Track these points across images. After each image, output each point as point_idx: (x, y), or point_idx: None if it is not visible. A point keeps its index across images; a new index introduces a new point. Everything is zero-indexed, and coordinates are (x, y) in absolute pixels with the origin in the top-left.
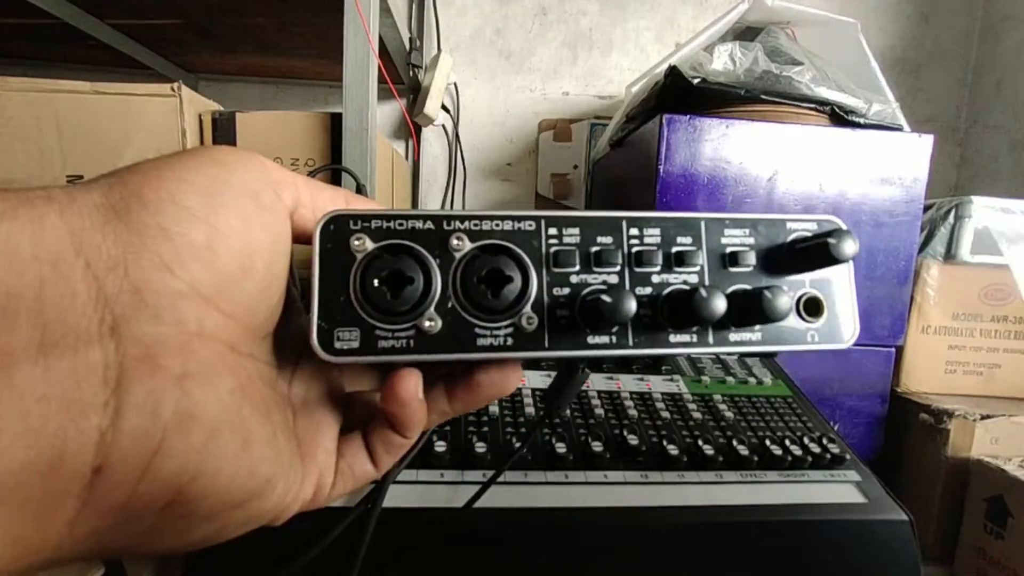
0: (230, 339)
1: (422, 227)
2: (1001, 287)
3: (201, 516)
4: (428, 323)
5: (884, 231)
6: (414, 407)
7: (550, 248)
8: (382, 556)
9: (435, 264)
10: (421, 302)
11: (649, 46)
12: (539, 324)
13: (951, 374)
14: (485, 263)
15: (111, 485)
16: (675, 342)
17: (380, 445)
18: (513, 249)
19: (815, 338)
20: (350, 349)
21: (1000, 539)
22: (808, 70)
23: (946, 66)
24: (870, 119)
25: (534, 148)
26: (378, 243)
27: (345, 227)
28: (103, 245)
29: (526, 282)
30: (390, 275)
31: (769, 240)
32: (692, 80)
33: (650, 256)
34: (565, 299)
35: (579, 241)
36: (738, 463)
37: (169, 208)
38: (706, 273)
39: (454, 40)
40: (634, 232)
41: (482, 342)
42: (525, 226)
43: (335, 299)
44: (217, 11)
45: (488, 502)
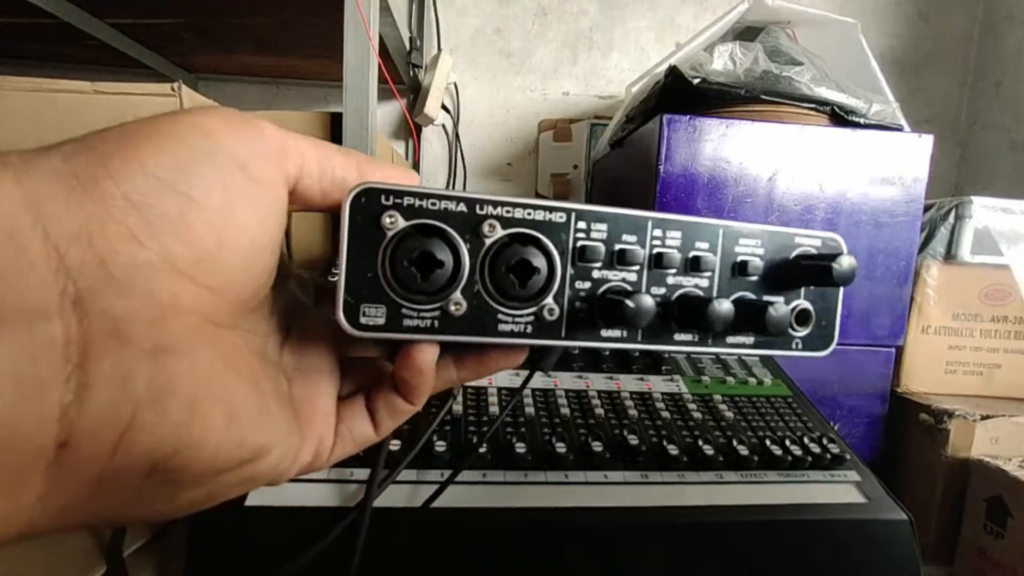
0: (211, 313)
1: (455, 209)
2: (1001, 287)
3: (188, 483)
4: (454, 306)
5: (884, 231)
6: (428, 376)
7: (577, 242)
8: (380, 556)
9: (465, 248)
10: (449, 285)
11: (649, 46)
12: (559, 315)
13: (951, 374)
14: (515, 252)
15: (81, 460)
16: (679, 340)
17: (384, 409)
18: (543, 240)
19: (799, 346)
20: (376, 325)
21: (1000, 539)
22: (808, 70)
23: (946, 66)
24: (870, 119)
25: (534, 148)
26: (410, 221)
27: (377, 202)
28: (65, 214)
29: (552, 274)
30: (421, 256)
31: (776, 252)
32: (692, 80)
33: (670, 259)
34: (586, 293)
35: (606, 237)
36: (738, 463)
37: (138, 178)
38: (717, 280)
39: (454, 40)
40: (657, 233)
41: (503, 328)
42: (556, 217)
43: (363, 274)
44: (217, 11)
45: (488, 502)
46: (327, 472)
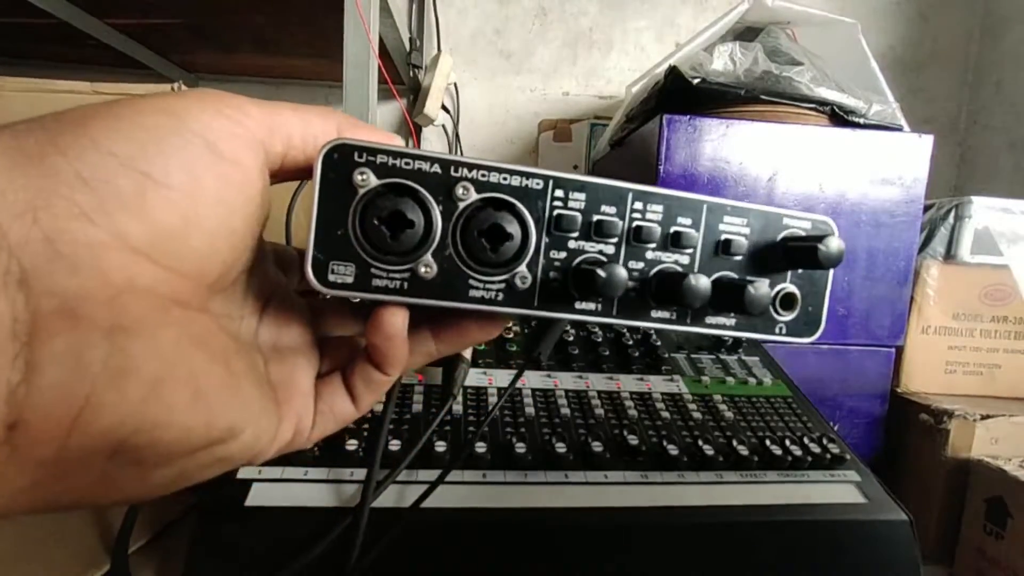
0: (173, 294)
1: (429, 169)
2: (1001, 287)
3: (155, 463)
4: (424, 268)
5: (884, 231)
6: (398, 341)
7: (554, 210)
8: (379, 557)
9: (438, 210)
10: (419, 246)
11: (649, 46)
12: (531, 284)
13: (951, 374)
14: (488, 217)
15: (33, 440)
16: (655, 317)
17: (360, 383)
18: (517, 206)
19: (783, 331)
20: (344, 283)
21: (1000, 539)
22: (808, 70)
23: (946, 66)
24: (870, 119)
25: (534, 148)
26: (382, 180)
27: (349, 158)
28: (8, 190)
29: (525, 241)
30: (391, 215)
31: (763, 232)
32: (692, 80)
33: (649, 232)
34: (560, 263)
35: (583, 207)
36: (738, 463)
37: (91, 154)
38: (698, 257)
39: (454, 40)
40: (638, 206)
41: (474, 293)
42: (533, 184)
43: (333, 231)
44: (217, 11)
45: (487, 502)
46: (327, 472)
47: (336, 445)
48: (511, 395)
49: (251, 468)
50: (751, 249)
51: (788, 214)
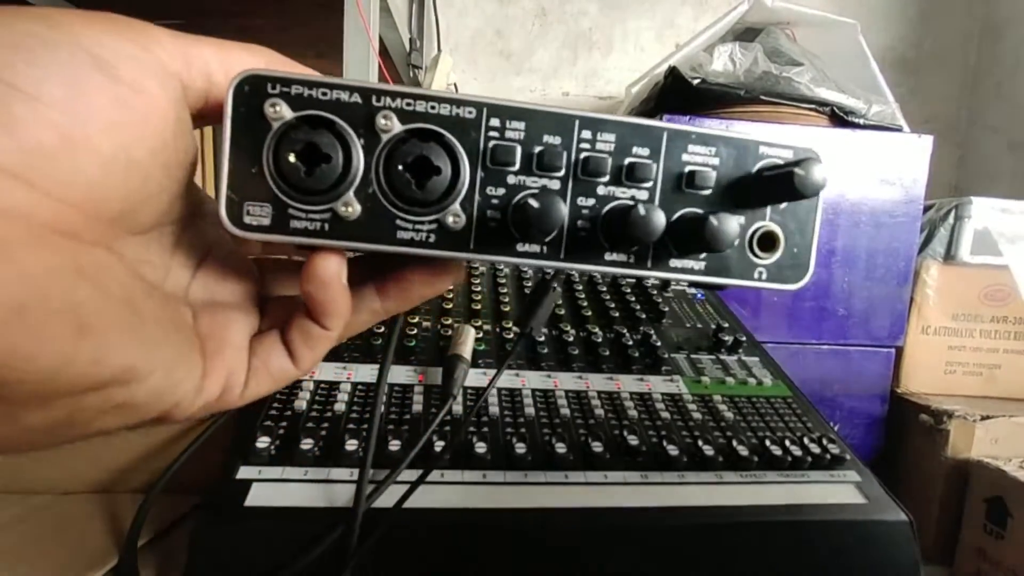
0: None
1: (347, 99)
2: (1001, 287)
3: (25, 400)
4: (344, 208)
5: (884, 231)
6: (335, 289)
7: (489, 142)
8: (381, 557)
9: (359, 143)
10: (339, 183)
11: (649, 46)
12: (466, 224)
13: (951, 375)
14: (413, 149)
15: None
16: (610, 260)
17: (299, 337)
18: (446, 137)
19: (763, 275)
20: (260, 226)
21: (1000, 539)
22: (808, 71)
23: (946, 67)
24: (870, 120)
25: None
26: (296, 112)
27: (261, 90)
28: None
29: (456, 176)
30: (306, 149)
31: (735, 163)
32: (692, 81)
33: (598, 164)
34: (498, 200)
35: (523, 138)
36: (738, 464)
37: None
38: (658, 191)
39: (454, 40)
40: (586, 135)
41: (403, 235)
42: (464, 112)
43: (246, 170)
44: (217, 12)
45: (487, 502)
46: (327, 472)
47: (336, 445)
48: (512, 395)
49: (251, 468)
50: (721, 182)
51: (765, 141)
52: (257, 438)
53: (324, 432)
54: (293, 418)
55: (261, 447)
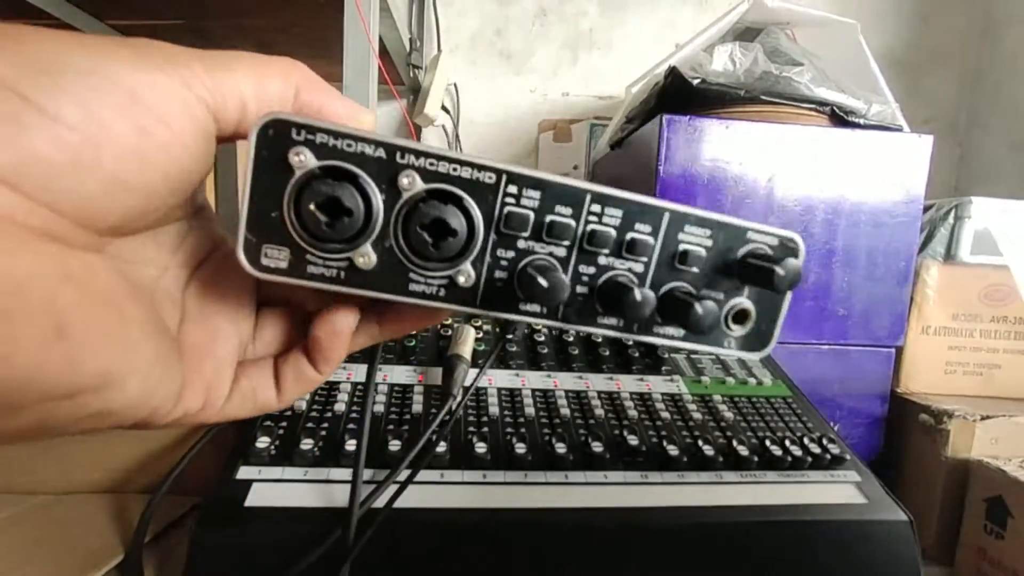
0: (44, 228)
1: (372, 154)
2: (1001, 287)
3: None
4: (362, 259)
5: (884, 231)
6: (343, 340)
7: (505, 207)
8: (381, 557)
9: (379, 198)
10: (358, 235)
11: (649, 47)
12: (475, 282)
13: (951, 374)
14: (432, 210)
15: None
16: (602, 323)
17: (291, 373)
18: (465, 200)
19: (731, 345)
20: (277, 268)
21: (1000, 539)
22: (808, 71)
23: (946, 67)
24: (870, 120)
25: (534, 149)
26: (321, 162)
27: (286, 135)
28: None
29: (471, 238)
30: (328, 201)
31: (725, 246)
32: (692, 81)
33: (604, 238)
34: (507, 263)
35: (537, 206)
36: (738, 464)
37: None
38: (652, 266)
39: (454, 40)
40: (595, 209)
41: (414, 288)
42: (484, 177)
43: (267, 213)
44: (217, 11)
45: (488, 503)
46: (327, 472)
47: (336, 445)
48: (511, 396)
49: (251, 468)
50: (710, 262)
51: (754, 228)
52: (257, 438)
53: (324, 432)
54: (293, 418)
55: (261, 447)
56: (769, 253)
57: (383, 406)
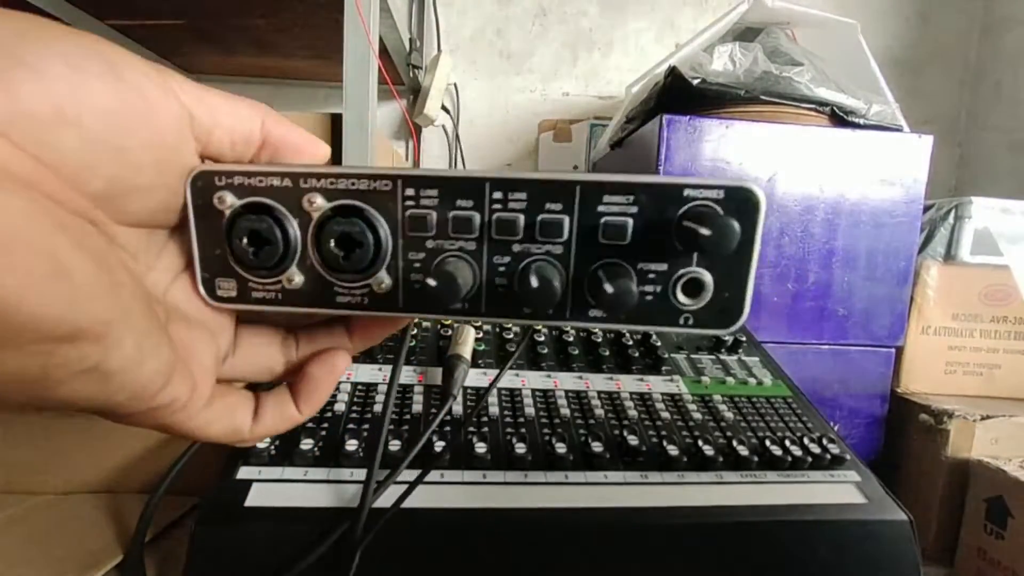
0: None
1: (280, 184)
2: (1001, 287)
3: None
4: (289, 281)
5: (884, 231)
6: (332, 382)
7: (406, 211)
8: (381, 557)
9: (294, 222)
10: (282, 260)
11: (649, 47)
12: (392, 286)
13: (951, 374)
14: (337, 226)
15: None
16: (528, 313)
17: (271, 408)
18: (367, 211)
19: (689, 321)
20: (229, 297)
21: (1000, 539)
22: (808, 71)
23: (946, 66)
24: (870, 120)
25: (534, 148)
26: (240, 200)
27: (211, 183)
28: None
29: (378, 247)
30: (251, 234)
31: (656, 210)
32: (692, 81)
33: (510, 224)
34: (420, 264)
35: (437, 204)
36: (738, 464)
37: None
38: (573, 247)
39: (454, 40)
40: (497, 196)
41: (341, 299)
42: (381, 186)
43: (212, 252)
44: (216, 12)
45: (488, 503)
46: (327, 472)
47: (336, 445)
48: (512, 396)
49: (251, 468)
50: (639, 232)
51: (691, 183)
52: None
53: (324, 432)
54: None
55: (261, 447)
56: (713, 210)
57: (383, 406)
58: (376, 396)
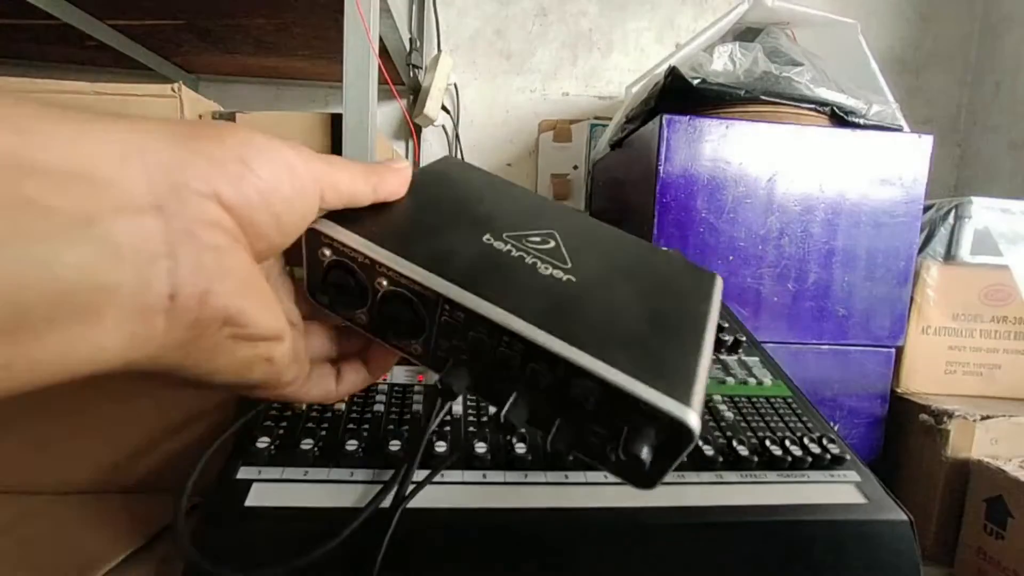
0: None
1: (360, 260)
2: (1001, 287)
3: (245, 338)
4: (361, 316)
5: (884, 231)
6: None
7: (442, 316)
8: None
9: (369, 286)
10: (357, 304)
11: (649, 47)
12: (423, 354)
13: (951, 375)
14: (394, 306)
15: (182, 309)
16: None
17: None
18: (415, 303)
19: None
20: (324, 304)
21: (1000, 539)
22: (808, 71)
23: (946, 66)
24: (870, 120)
25: (534, 149)
26: (335, 257)
27: (318, 239)
28: (160, 155)
29: (419, 325)
30: (338, 284)
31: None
32: (692, 81)
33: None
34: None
35: (462, 322)
36: (738, 464)
37: (215, 146)
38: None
39: (454, 41)
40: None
41: (391, 341)
42: (428, 294)
43: (316, 276)
44: (217, 12)
45: (487, 502)
46: (327, 472)
47: (336, 445)
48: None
49: (251, 468)
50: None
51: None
52: (257, 438)
53: (324, 432)
54: (293, 418)
55: (261, 447)
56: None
57: (383, 406)
58: (376, 396)
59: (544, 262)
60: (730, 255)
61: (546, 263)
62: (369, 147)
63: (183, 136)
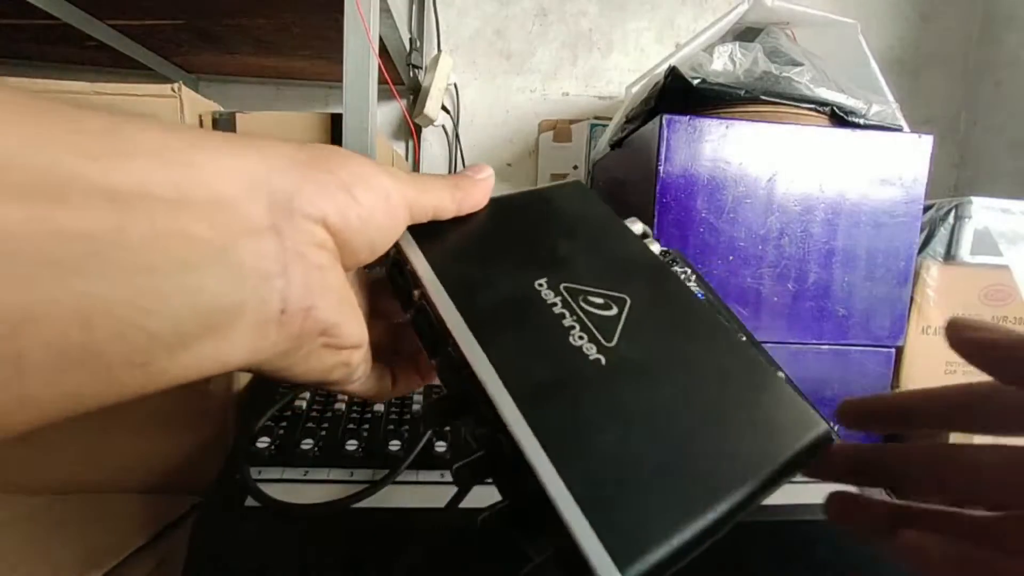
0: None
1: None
2: (1001, 288)
3: (335, 346)
4: (407, 316)
5: (884, 231)
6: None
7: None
8: (381, 556)
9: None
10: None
11: (649, 47)
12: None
13: (951, 375)
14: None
15: (290, 323)
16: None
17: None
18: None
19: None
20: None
21: None
22: (808, 71)
23: (946, 66)
24: (870, 120)
25: (534, 148)
26: (396, 254)
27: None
28: (282, 181)
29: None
30: (391, 277)
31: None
32: (692, 81)
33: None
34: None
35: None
36: None
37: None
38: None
39: (454, 41)
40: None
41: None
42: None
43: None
44: (217, 12)
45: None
46: (327, 472)
47: (336, 445)
48: None
49: (251, 468)
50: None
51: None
52: (257, 438)
53: (324, 432)
54: (293, 418)
55: (261, 447)
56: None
57: (383, 406)
58: None
59: (584, 330)
60: (730, 255)
61: (585, 332)
62: (369, 147)
63: (301, 164)
